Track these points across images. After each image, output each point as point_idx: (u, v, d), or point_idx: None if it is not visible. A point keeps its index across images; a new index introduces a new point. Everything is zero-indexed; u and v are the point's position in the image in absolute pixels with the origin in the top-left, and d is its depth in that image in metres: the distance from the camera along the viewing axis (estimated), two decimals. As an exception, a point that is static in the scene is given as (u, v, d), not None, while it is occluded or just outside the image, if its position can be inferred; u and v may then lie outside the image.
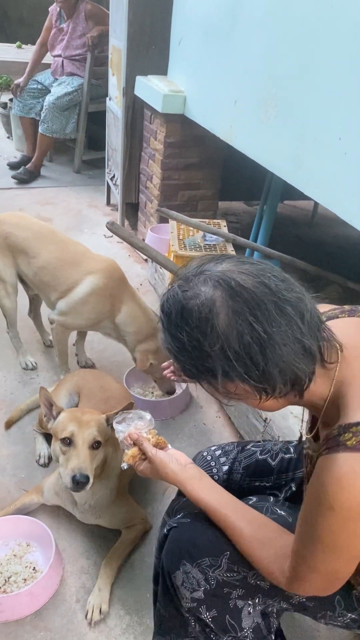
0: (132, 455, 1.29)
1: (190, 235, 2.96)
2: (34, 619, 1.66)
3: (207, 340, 0.88)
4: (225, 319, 0.86)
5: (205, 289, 0.89)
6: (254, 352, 0.86)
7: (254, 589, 1.17)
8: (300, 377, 0.91)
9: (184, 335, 0.90)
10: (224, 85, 2.77)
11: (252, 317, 0.85)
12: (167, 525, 1.29)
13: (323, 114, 2.00)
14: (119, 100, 3.91)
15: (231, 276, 0.89)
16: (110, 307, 2.34)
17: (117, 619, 1.68)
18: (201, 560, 1.17)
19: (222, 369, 0.88)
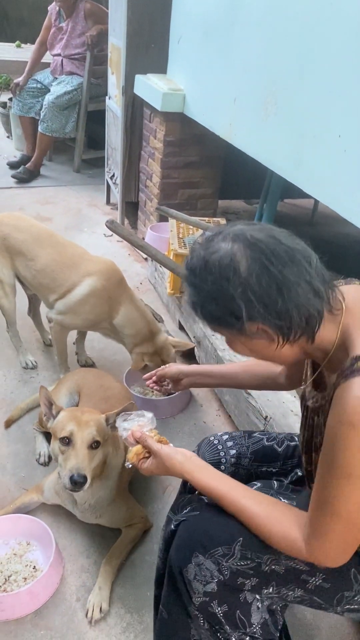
0: (136, 452, 1.29)
1: (190, 233, 2.96)
2: (34, 618, 1.66)
3: (230, 284, 0.99)
4: (245, 265, 0.98)
5: (225, 244, 1.01)
6: (272, 292, 0.98)
7: (268, 576, 1.17)
8: (313, 315, 1.01)
9: (209, 285, 1.01)
10: (224, 83, 2.77)
11: (267, 261, 0.98)
12: (173, 522, 1.29)
13: (323, 112, 1.99)
14: (119, 99, 3.90)
15: (246, 232, 1.02)
16: (108, 309, 2.34)
17: (118, 618, 1.68)
18: (214, 550, 1.17)
19: (246, 309, 0.99)
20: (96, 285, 2.30)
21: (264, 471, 1.47)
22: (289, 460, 1.48)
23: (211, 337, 2.51)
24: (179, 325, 2.97)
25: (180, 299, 2.87)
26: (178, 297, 2.88)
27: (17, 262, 2.43)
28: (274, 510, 1.15)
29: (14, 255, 2.43)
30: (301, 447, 1.31)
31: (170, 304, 3.13)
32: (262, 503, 1.16)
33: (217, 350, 2.42)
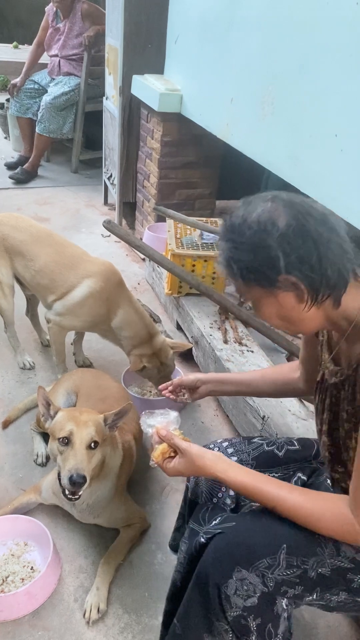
0: (162, 451, 1.25)
1: (187, 234, 2.96)
2: (31, 619, 1.66)
3: (269, 236, 1.03)
4: (284, 220, 1.04)
5: (263, 204, 1.07)
6: (309, 245, 1.02)
7: (314, 583, 1.15)
8: (343, 274, 1.05)
9: (247, 237, 1.06)
10: (221, 83, 2.77)
11: (303, 219, 1.03)
12: (202, 535, 1.24)
13: (319, 111, 2.00)
14: (116, 99, 3.90)
15: (282, 194, 1.09)
16: (106, 311, 2.33)
17: (115, 618, 1.68)
18: (258, 563, 1.13)
19: (283, 258, 1.03)
20: (95, 286, 2.30)
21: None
22: (290, 464, 1.47)
23: (209, 336, 2.51)
24: (176, 325, 2.97)
25: (178, 299, 2.87)
26: (176, 297, 2.88)
27: (16, 263, 2.43)
28: (315, 495, 1.15)
29: (13, 256, 2.42)
30: (321, 433, 1.29)
31: (168, 304, 3.13)
32: (299, 489, 1.16)
33: (214, 349, 2.42)
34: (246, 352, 2.41)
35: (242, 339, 2.50)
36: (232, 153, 2.77)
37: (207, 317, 2.67)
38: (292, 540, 1.14)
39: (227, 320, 2.64)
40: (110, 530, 1.90)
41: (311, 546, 1.14)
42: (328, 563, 1.14)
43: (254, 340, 2.52)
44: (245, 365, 2.32)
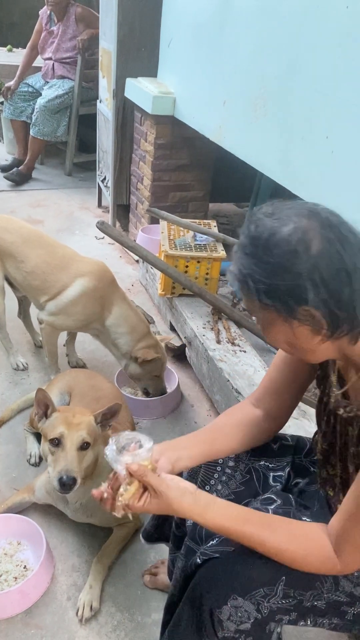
0: (136, 493, 1.09)
1: (181, 235, 2.98)
2: (24, 617, 1.66)
3: (299, 261, 0.91)
4: (319, 245, 0.91)
5: (297, 219, 0.94)
6: (342, 279, 0.91)
7: (308, 611, 1.13)
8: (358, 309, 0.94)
9: (274, 257, 0.93)
10: (213, 85, 2.79)
11: (340, 246, 0.91)
12: (199, 555, 1.18)
13: (310, 113, 2.02)
14: (110, 102, 3.92)
15: (321, 212, 0.95)
16: (100, 310, 2.34)
17: (108, 616, 1.68)
18: (255, 592, 1.09)
19: (313, 291, 0.92)
20: (88, 285, 2.31)
21: (262, 465, 1.43)
22: (283, 457, 1.45)
23: (202, 337, 2.53)
24: (170, 326, 2.99)
25: (172, 300, 2.88)
26: (169, 297, 2.89)
27: (7, 264, 2.44)
28: (296, 533, 1.09)
29: (3, 257, 2.43)
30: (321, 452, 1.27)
31: (161, 305, 3.15)
32: (281, 528, 1.10)
33: (207, 350, 2.44)
34: (239, 352, 2.43)
35: (235, 339, 2.52)
36: (225, 156, 2.80)
37: (200, 317, 2.69)
38: (292, 574, 1.10)
39: (220, 320, 2.66)
40: (103, 530, 1.91)
41: (311, 581, 1.12)
42: (325, 597, 1.13)
43: (246, 341, 2.53)
44: (238, 365, 2.33)
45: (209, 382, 2.45)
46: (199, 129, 2.99)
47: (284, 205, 0.98)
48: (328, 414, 1.21)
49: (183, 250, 2.79)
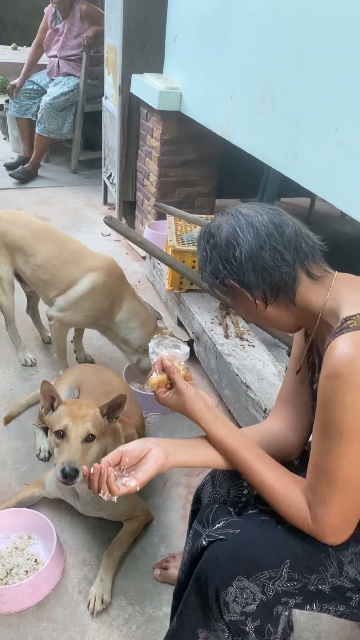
0: (161, 380, 1.22)
1: (188, 230, 2.97)
2: (36, 610, 1.66)
3: (209, 246, 1.19)
4: (224, 232, 1.17)
5: (219, 217, 1.22)
6: (235, 252, 1.15)
7: (313, 595, 1.14)
8: (273, 275, 1.13)
9: (201, 249, 1.22)
10: (220, 80, 2.78)
11: (239, 228, 1.15)
12: (204, 537, 1.20)
13: (319, 105, 2.01)
14: (115, 98, 3.92)
15: (236, 208, 1.20)
16: (109, 305, 2.34)
17: (119, 610, 1.68)
18: (260, 574, 1.11)
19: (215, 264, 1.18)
20: (98, 281, 2.31)
21: None
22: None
23: (210, 332, 2.52)
24: (177, 321, 2.98)
25: (179, 295, 2.88)
26: (177, 293, 2.89)
27: (17, 258, 2.44)
28: (284, 476, 1.15)
29: (13, 252, 2.43)
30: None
31: (169, 301, 3.14)
32: (275, 469, 1.16)
33: (216, 344, 2.43)
34: (247, 347, 2.42)
35: (244, 333, 2.51)
36: (231, 151, 2.79)
37: (208, 312, 2.68)
38: (296, 556, 1.12)
39: (228, 315, 2.65)
40: (113, 524, 1.91)
41: (315, 564, 1.13)
42: (329, 582, 1.13)
43: (255, 335, 2.53)
44: (247, 360, 2.33)
45: (218, 377, 2.45)
46: (206, 123, 2.98)
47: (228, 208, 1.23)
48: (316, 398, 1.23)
49: (191, 245, 2.78)
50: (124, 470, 1.15)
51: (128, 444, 1.19)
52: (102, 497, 1.13)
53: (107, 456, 1.16)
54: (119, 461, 1.16)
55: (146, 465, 1.15)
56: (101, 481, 1.12)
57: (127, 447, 1.17)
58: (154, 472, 1.15)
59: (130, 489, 1.13)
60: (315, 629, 1.66)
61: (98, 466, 1.13)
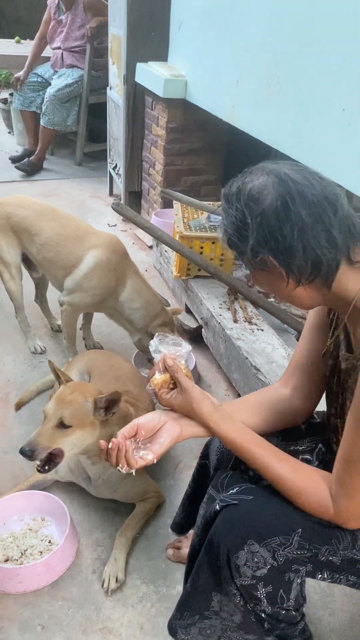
0: (164, 380, 1.17)
1: (195, 217, 2.97)
2: (51, 590, 1.68)
3: (251, 213, 1.02)
4: (270, 198, 1.01)
5: (260, 176, 1.04)
6: (285, 228, 1.00)
7: (324, 565, 1.15)
8: (322, 260, 1.02)
9: (234, 210, 1.05)
10: (226, 66, 2.78)
11: (290, 200, 1.00)
12: (218, 502, 1.21)
13: (326, 86, 2.01)
14: (120, 88, 3.92)
15: (282, 169, 1.04)
16: (114, 283, 2.36)
17: (133, 588, 1.70)
18: (271, 540, 1.13)
19: (256, 236, 1.02)
20: (101, 257, 2.33)
21: (292, 450, 1.41)
22: (313, 437, 1.44)
23: (218, 316, 2.53)
24: (185, 308, 2.99)
25: (187, 282, 2.88)
26: (184, 279, 2.89)
27: (23, 239, 2.47)
28: (300, 468, 1.15)
29: (19, 233, 2.46)
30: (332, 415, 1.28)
31: (176, 289, 3.15)
32: (289, 461, 1.15)
33: (224, 329, 2.44)
34: (256, 331, 2.42)
35: (252, 318, 2.51)
36: (237, 138, 2.79)
37: (216, 298, 2.69)
38: (308, 527, 1.13)
39: (236, 300, 2.66)
40: (125, 505, 1.92)
41: (327, 537, 1.14)
42: (340, 554, 1.14)
43: (264, 320, 2.53)
44: (256, 343, 2.33)
45: (227, 362, 2.45)
46: (212, 110, 2.98)
47: (263, 164, 1.08)
48: (337, 374, 1.22)
49: (198, 231, 2.78)
50: (139, 442, 1.17)
51: (143, 416, 1.20)
52: (120, 470, 1.14)
53: (123, 429, 1.18)
54: (135, 434, 1.17)
55: (162, 438, 1.17)
56: (120, 455, 1.14)
57: (142, 420, 1.19)
58: (170, 445, 1.17)
59: (148, 462, 1.15)
60: (329, 606, 1.67)
61: (116, 441, 1.15)
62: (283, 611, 1.21)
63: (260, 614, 1.21)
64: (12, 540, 1.78)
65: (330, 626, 1.62)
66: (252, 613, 1.22)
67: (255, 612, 1.21)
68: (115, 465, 1.15)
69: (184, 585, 1.34)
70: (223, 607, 1.24)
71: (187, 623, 1.29)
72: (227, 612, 1.24)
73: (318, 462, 1.39)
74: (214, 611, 1.25)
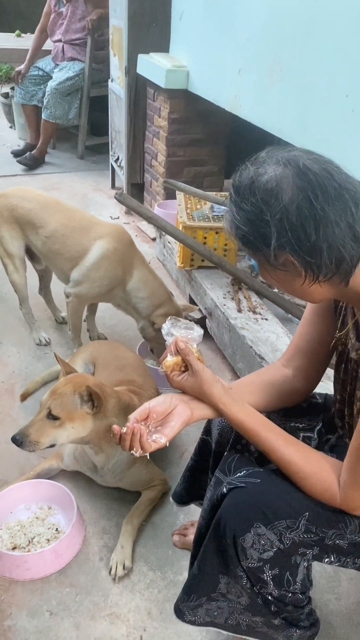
0: (175, 363, 1.19)
1: (198, 208, 2.97)
2: (59, 577, 1.69)
3: (269, 209, 0.95)
4: (290, 193, 0.94)
5: (275, 167, 0.97)
6: (309, 226, 0.94)
7: (331, 549, 1.16)
8: (345, 258, 0.96)
9: (249, 205, 0.97)
10: (227, 55, 2.77)
11: (313, 195, 0.93)
12: (225, 485, 1.21)
13: (329, 73, 2.00)
14: (122, 80, 3.91)
15: (300, 159, 0.97)
16: (122, 272, 2.36)
17: (141, 575, 1.71)
18: (277, 523, 1.13)
19: (277, 237, 0.96)
20: (108, 247, 2.33)
21: (292, 426, 1.44)
22: (314, 416, 1.45)
23: (222, 306, 2.53)
24: (189, 299, 2.99)
25: (190, 272, 2.88)
26: (188, 270, 2.89)
27: (27, 231, 2.47)
28: (309, 454, 1.15)
29: (23, 226, 2.46)
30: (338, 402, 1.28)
31: (180, 280, 3.15)
32: (297, 445, 1.16)
33: (229, 318, 2.44)
34: (261, 320, 2.43)
35: (256, 307, 2.52)
36: (240, 129, 2.78)
37: (220, 288, 2.69)
38: (315, 511, 1.14)
39: (240, 290, 2.66)
40: (131, 494, 1.93)
41: (335, 521, 1.14)
42: (347, 537, 1.14)
43: (268, 309, 2.53)
44: (260, 333, 2.33)
45: (231, 351, 2.46)
46: (214, 100, 2.97)
47: (275, 151, 1.01)
48: (346, 362, 1.22)
49: (201, 221, 2.78)
50: (150, 426, 1.17)
51: (154, 399, 1.21)
52: (134, 454, 1.15)
53: (135, 412, 1.18)
54: (146, 417, 1.18)
55: (173, 421, 1.18)
56: (134, 439, 1.15)
57: (153, 403, 1.19)
58: (181, 428, 1.18)
59: (161, 445, 1.15)
60: (335, 590, 1.67)
61: (131, 426, 1.15)
62: (289, 594, 1.22)
63: (267, 596, 1.22)
64: (19, 529, 1.79)
65: (337, 610, 1.63)
66: (259, 595, 1.22)
67: (262, 594, 1.22)
68: (129, 450, 1.16)
69: (190, 568, 1.35)
70: (230, 590, 1.24)
71: (195, 605, 1.30)
72: (234, 594, 1.24)
73: (318, 441, 1.40)
74: (221, 593, 1.26)
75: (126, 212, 4.25)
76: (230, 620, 1.29)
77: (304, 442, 1.39)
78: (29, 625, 1.56)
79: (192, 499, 1.66)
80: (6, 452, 2.10)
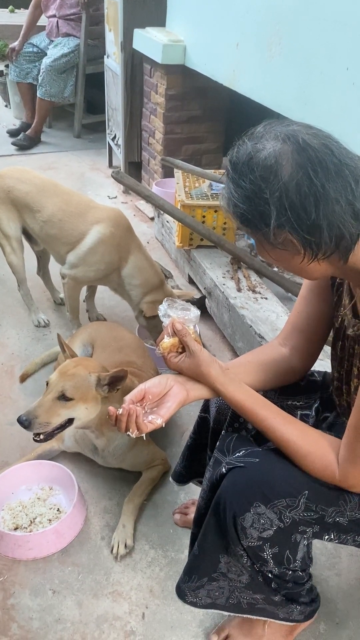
0: (172, 344, 1.18)
1: (196, 186, 2.93)
2: (61, 556, 1.70)
3: (268, 187, 0.93)
4: (289, 169, 0.92)
5: (274, 143, 0.94)
6: (309, 204, 0.92)
7: (331, 526, 1.16)
8: (345, 236, 0.95)
9: (247, 182, 0.95)
10: (225, 29, 2.71)
11: (312, 171, 0.91)
12: (224, 465, 1.21)
13: (329, 46, 1.96)
14: (117, 56, 3.83)
15: (299, 134, 0.94)
16: (118, 258, 2.33)
17: (142, 553, 1.72)
18: (277, 502, 1.13)
19: (277, 215, 0.94)
20: (105, 232, 2.30)
21: (289, 405, 1.43)
22: (312, 394, 1.45)
23: (222, 286, 2.51)
24: (188, 279, 2.97)
25: (189, 252, 2.86)
26: (187, 250, 2.87)
27: (24, 215, 2.43)
28: (307, 432, 1.15)
29: (20, 209, 2.42)
30: (335, 379, 1.28)
31: (179, 259, 3.13)
32: (295, 424, 1.16)
33: (228, 298, 2.42)
34: (260, 299, 2.41)
35: (256, 287, 2.50)
36: (239, 105, 2.73)
37: (219, 267, 2.67)
38: (314, 489, 1.14)
39: (239, 269, 2.64)
40: (132, 473, 1.94)
41: (334, 498, 1.14)
42: (347, 515, 1.14)
43: (267, 288, 2.51)
44: (260, 312, 2.32)
45: (231, 331, 2.45)
46: (212, 75, 2.92)
47: (273, 126, 0.98)
48: (342, 339, 1.22)
49: (200, 199, 2.75)
50: (146, 407, 1.17)
51: (149, 381, 1.20)
52: (131, 435, 1.14)
53: (130, 394, 1.18)
54: (142, 399, 1.18)
55: (169, 402, 1.18)
56: (130, 420, 1.15)
57: (149, 385, 1.19)
58: (177, 408, 1.18)
59: (157, 426, 1.15)
60: (335, 566, 1.69)
61: (127, 407, 1.15)
62: (290, 572, 1.23)
63: (267, 574, 1.23)
64: (21, 509, 1.80)
65: (337, 587, 1.64)
66: (259, 573, 1.23)
67: (263, 572, 1.23)
68: (125, 431, 1.15)
69: (190, 548, 1.36)
70: (230, 569, 1.25)
71: (196, 585, 1.31)
72: (235, 573, 1.25)
73: (316, 419, 1.40)
74: (222, 573, 1.27)
75: (124, 191, 4.21)
76: (231, 599, 1.31)
77: (302, 420, 1.40)
78: (32, 603, 1.57)
79: (192, 476, 1.67)
80: (7, 434, 2.11)
